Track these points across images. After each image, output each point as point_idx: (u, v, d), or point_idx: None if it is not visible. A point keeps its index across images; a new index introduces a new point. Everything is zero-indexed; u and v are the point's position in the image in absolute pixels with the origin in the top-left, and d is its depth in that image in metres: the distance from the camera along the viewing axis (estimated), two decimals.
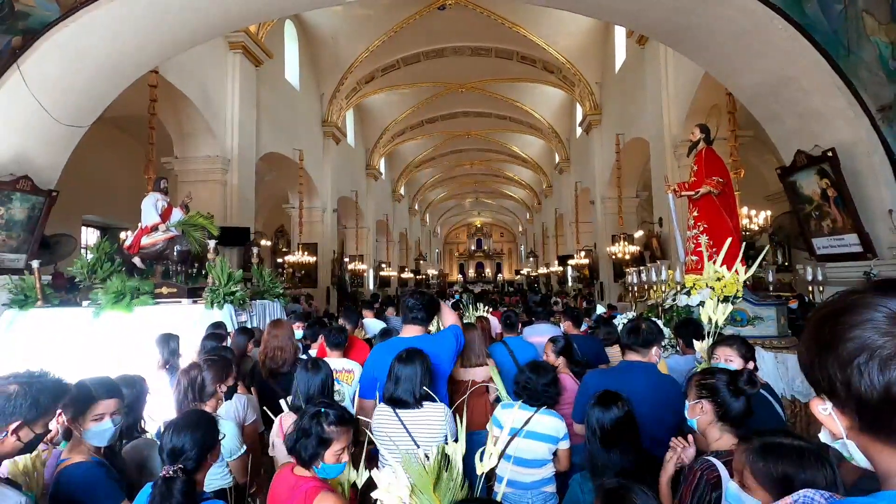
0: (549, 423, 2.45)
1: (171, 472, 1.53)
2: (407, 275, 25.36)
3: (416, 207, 29.59)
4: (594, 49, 13.59)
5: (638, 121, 11.09)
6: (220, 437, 1.78)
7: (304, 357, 3.63)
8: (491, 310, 7.03)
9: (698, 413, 1.83)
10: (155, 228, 5.26)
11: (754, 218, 7.63)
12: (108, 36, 5.33)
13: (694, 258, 4.54)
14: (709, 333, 3.04)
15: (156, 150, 7.44)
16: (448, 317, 2.91)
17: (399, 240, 25.78)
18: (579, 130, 16.49)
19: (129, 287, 4.72)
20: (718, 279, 3.60)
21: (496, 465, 1.52)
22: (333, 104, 14.91)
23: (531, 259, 31.53)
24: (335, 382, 3.45)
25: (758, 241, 9.10)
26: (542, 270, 26.33)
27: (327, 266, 14.75)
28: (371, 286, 19.36)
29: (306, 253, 13.02)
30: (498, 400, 3.57)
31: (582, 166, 16.47)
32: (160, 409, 2.52)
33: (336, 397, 3.40)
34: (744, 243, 4.31)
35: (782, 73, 5.18)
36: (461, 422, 1.59)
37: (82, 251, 9.12)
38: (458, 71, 15.68)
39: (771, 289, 5.18)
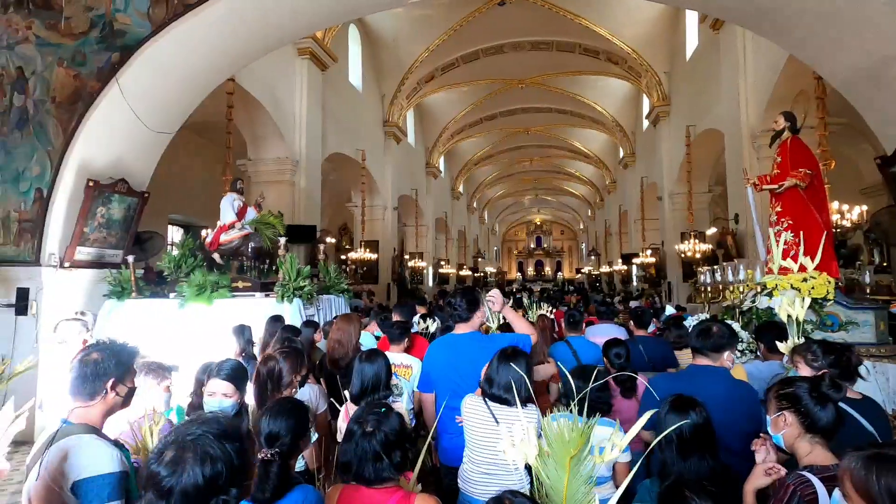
0: (607, 434, 2.35)
1: (268, 455, 1.61)
2: (465, 272, 25.43)
3: (475, 205, 29.59)
4: (662, 37, 12.93)
5: (711, 111, 10.43)
6: (310, 426, 1.87)
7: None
8: (553, 309, 6.89)
9: (783, 427, 1.69)
10: (232, 226, 5.63)
11: (847, 213, 6.94)
12: (191, 48, 5.75)
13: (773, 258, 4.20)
14: (797, 333, 2.80)
15: (232, 153, 7.95)
16: (521, 326, 2.82)
17: (457, 237, 25.91)
18: (646, 123, 15.78)
19: (209, 281, 5.08)
20: (805, 280, 3.31)
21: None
22: (394, 104, 15.22)
23: (593, 257, 30.60)
24: (394, 377, 3.54)
25: (850, 239, 8.29)
26: (605, 269, 25.47)
27: (388, 263, 15.11)
28: (430, 283, 19.61)
29: (368, 250, 13.41)
30: (559, 400, 3.50)
31: (648, 160, 15.76)
32: None
33: (395, 392, 3.49)
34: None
35: (884, 54, 4.67)
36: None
37: (169, 248, 9.94)
38: (518, 66, 15.49)
39: (868, 291, 4.69)
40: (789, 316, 3.06)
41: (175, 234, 12.33)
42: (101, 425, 1.76)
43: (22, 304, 5.28)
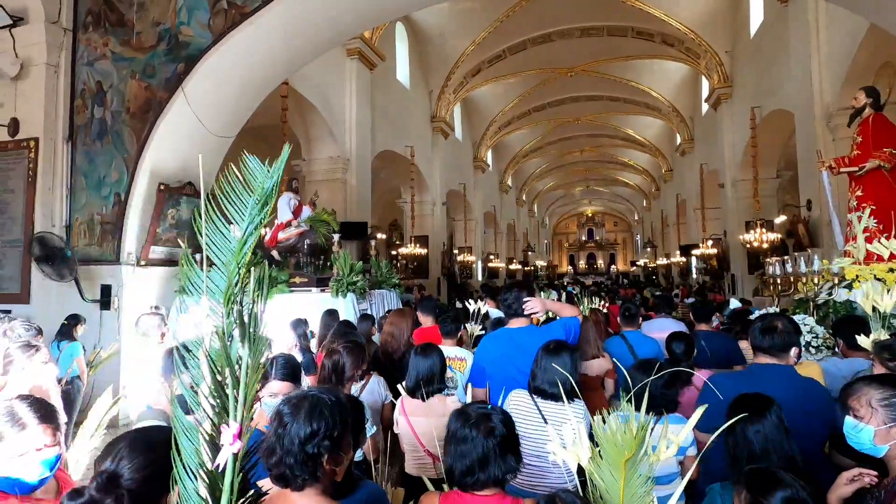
0: (676, 431, 2.25)
1: None
2: (515, 266, 25.20)
3: (524, 198, 29.21)
4: (723, 14, 12.17)
5: (779, 91, 9.73)
6: (366, 420, 1.93)
7: None
8: (607, 304, 6.70)
9: (893, 438, 1.55)
10: (288, 224, 5.87)
11: None
12: (249, 55, 6.02)
13: (853, 245, 3.87)
14: (883, 328, 2.57)
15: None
16: (566, 310, 2.81)
17: (507, 231, 25.70)
18: (705, 107, 14.94)
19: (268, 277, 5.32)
20: (892, 270, 3.03)
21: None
22: (441, 100, 15.27)
23: (648, 249, 29.45)
24: (448, 370, 3.57)
25: None
26: (662, 261, 24.45)
27: (438, 258, 15.23)
28: (480, 277, 19.59)
29: (418, 245, 13.58)
30: (615, 397, 3.40)
31: (708, 146, 14.93)
32: None
33: (449, 384, 3.52)
34: None
35: None
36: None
37: None
38: (567, 55, 15.08)
39: None
40: (874, 308, 2.81)
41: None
42: None
43: (105, 299, 5.76)
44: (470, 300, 4.91)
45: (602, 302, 6.86)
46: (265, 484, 1.32)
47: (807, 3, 8.06)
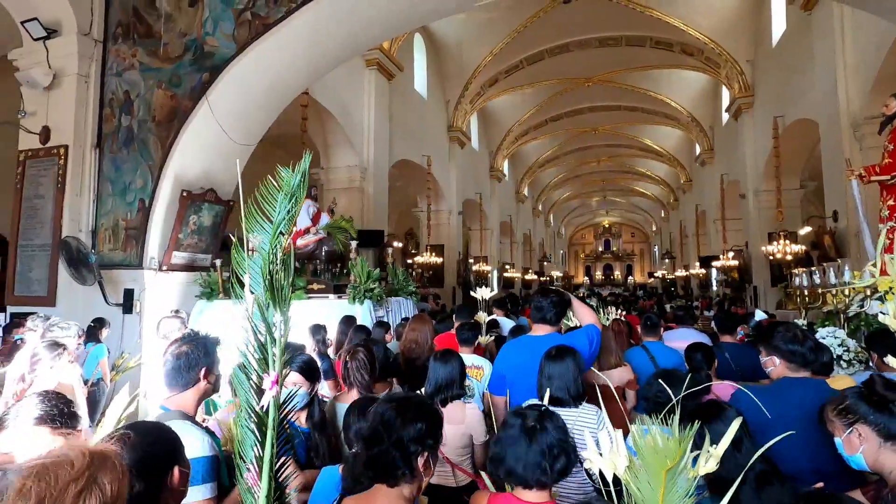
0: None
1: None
2: (531, 276, 25.03)
3: (540, 208, 29.10)
4: (744, 23, 12.05)
5: (802, 99, 9.56)
6: None
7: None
8: (625, 313, 6.60)
9: (858, 444, 1.57)
10: (307, 231, 5.92)
11: None
12: (271, 65, 6.13)
13: (890, 256, 3.74)
14: None
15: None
16: (586, 315, 2.77)
17: (522, 241, 25.58)
18: (726, 116, 14.77)
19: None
20: None
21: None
22: (458, 110, 15.35)
23: (667, 260, 29.04)
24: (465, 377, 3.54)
25: None
26: (680, 273, 24.06)
27: (453, 267, 15.21)
28: (495, 287, 19.50)
29: (434, 254, 13.58)
30: (637, 408, 3.32)
31: (729, 156, 14.71)
32: None
33: (468, 392, 3.48)
34: None
35: None
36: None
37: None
38: (584, 65, 15.08)
39: None
40: None
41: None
42: (195, 412, 1.89)
43: (128, 303, 5.86)
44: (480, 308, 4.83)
45: (620, 311, 6.74)
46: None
47: (831, 10, 7.94)
